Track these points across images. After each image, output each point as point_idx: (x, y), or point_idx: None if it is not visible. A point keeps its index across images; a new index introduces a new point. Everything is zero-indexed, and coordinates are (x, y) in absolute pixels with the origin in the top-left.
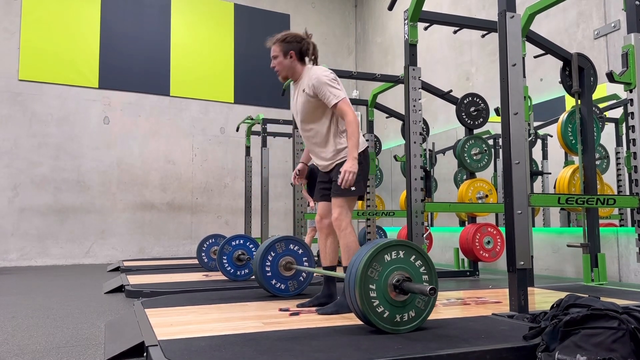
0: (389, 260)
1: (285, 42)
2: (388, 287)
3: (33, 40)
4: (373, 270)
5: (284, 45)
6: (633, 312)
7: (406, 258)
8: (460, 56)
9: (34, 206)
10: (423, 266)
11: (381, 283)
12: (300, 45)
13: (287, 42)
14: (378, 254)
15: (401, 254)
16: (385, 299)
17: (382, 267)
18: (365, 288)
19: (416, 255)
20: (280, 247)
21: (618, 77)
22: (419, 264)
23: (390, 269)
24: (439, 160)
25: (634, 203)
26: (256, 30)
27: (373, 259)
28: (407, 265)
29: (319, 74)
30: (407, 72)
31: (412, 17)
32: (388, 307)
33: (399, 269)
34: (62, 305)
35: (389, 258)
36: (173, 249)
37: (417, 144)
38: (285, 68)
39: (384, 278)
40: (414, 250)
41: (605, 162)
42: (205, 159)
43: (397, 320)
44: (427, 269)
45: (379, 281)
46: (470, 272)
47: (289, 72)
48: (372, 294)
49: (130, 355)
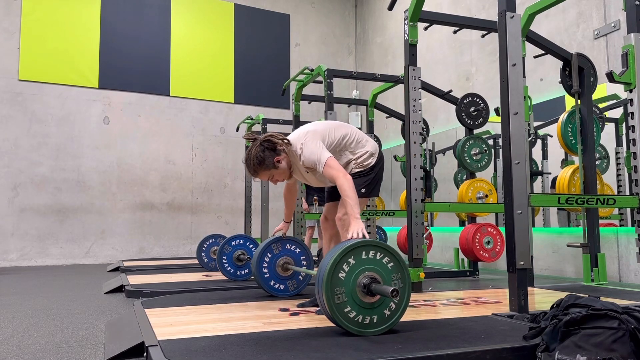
0: (359, 261)
1: (264, 164)
2: (356, 288)
3: (33, 40)
4: (341, 271)
5: (265, 166)
6: (633, 312)
7: (377, 259)
8: (460, 56)
9: (34, 206)
10: (395, 267)
11: (349, 284)
12: (273, 149)
13: (265, 163)
14: (346, 254)
15: (371, 255)
16: (354, 300)
17: (351, 268)
18: (332, 290)
19: (386, 255)
20: (277, 247)
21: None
22: (390, 264)
23: (359, 270)
24: (439, 160)
25: (634, 203)
26: (256, 30)
27: (341, 260)
28: (377, 266)
29: (301, 153)
30: (407, 72)
31: (412, 17)
32: (356, 308)
33: (368, 270)
34: (62, 305)
35: (359, 259)
36: (173, 249)
37: (417, 144)
38: (283, 173)
39: (353, 279)
40: (385, 250)
41: (605, 162)
42: (205, 159)
43: (365, 322)
44: (399, 270)
45: (348, 282)
46: (470, 272)
47: (289, 169)
48: (340, 295)
49: (130, 355)
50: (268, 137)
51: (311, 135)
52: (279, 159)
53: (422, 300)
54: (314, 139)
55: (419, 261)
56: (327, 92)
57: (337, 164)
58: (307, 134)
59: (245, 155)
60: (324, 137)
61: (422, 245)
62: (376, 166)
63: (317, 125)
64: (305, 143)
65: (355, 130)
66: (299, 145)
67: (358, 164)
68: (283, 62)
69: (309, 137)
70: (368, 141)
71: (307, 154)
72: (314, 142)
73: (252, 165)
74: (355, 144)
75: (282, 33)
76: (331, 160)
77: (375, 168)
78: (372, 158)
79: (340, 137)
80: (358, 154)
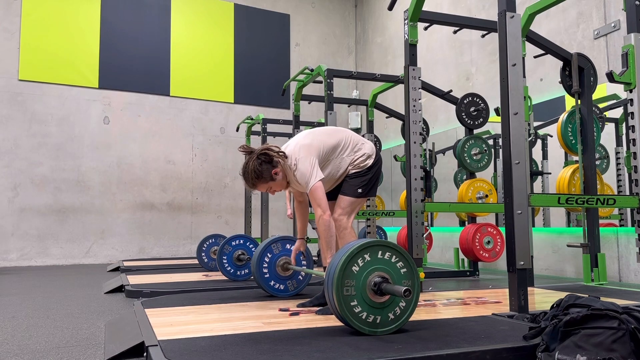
0: (369, 261)
1: (262, 177)
2: (367, 288)
3: (33, 40)
4: (355, 265)
5: (262, 179)
6: (633, 312)
7: (387, 259)
8: (460, 56)
9: (34, 206)
10: (404, 267)
11: (360, 284)
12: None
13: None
14: (357, 254)
15: (381, 255)
16: (364, 300)
17: (361, 268)
18: (343, 289)
19: (397, 256)
20: (277, 247)
21: (618, 77)
22: (400, 265)
23: (369, 270)
24: (439, 160)
25: (634, 203)
26: (256, 30)
27: (352, 260)
28: (387, 266)
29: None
30: (407, 72)
31: (412, 17)
32: (366, 308)
33: (378, 270)
34: (62, 305)
35: (369, 259)
36: (173, 249)
37: (417, 144)
38: (280, 184)
39: (363, 279)
40: (395, 250)
41: (605, 162)
42: (205, 159)
43: (375, 321)
44: (409, 270)
45: (358, 282)
46: (470, 272)
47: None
48: (350, 295)
49: (130, 355)
50: (265, 150)
51: (306, 151)
52: (276, 171)
53: (422, 300)
54: (308, 155)
55: (419, 261)
56: (327, 92)
57: (322, 195)
58: (302, 148)
59: (243, 169)
60: (319, 150)
61: (422, 245)
62: (373, 167)
63: (313, 138)
64: (300, 159)
65: (351, 134)
66: (293, 161)
67: (355, 165)
68: (283, 62)
69: (304, 153)
70: (364, 144)
71: (299, 173)
72: (309, 159)
73: (250, 179)
74: (350, 149)
75: (282, 33)
76: (318, 190)
77: (372, 169)
78: (369, 159)
79: (335, 144)
80: (354, 156)
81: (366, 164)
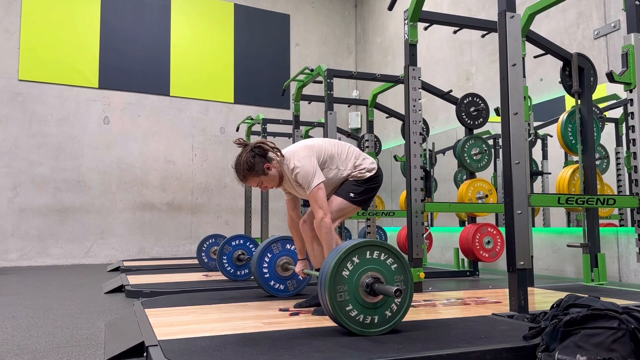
0: (358, 263)
1: (254, 170)
2: (359, 290)
3: (33, 40)
4: (345, 270)
5: (254, 172)
6: (633, 312)
7: (376, 258)
8: (460, 56)
9: (34, 206)
10: (395, 263)
11: (352, 288)
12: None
13: (255, 169)
14: (345, 258)
15: (369, 255)
16: (358, 302)
17: (352, 272)
18: (336, 295)
19: (386, 253)
20: (277, 247)
21: (618, 77)
22: (390, 261)
23: (360, 272)
24: (439, 160)
25: (634, 203)
26: (256, 30)
27: (341, 265)
28: (377, 265)
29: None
30: (407, 72)
31: (412, 17)
32: (362, 310)
33: (369, 270)
34: (62, 305)
35: (358, 260)
36: (173, 249)
37: (417, 144)
38: (272, 180)
39: (355, 282)
40: (383, 248)
41: (605, 162)
42: (205, 159)
43: (373, 322)
44: (400, 266)
45: (350, 286)
46: (470, 272)
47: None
48: (344, 300)
49: (130, 355)
50: (260, 143)
51: (308, 151)
52: (269, 165)
53: (422, 300)
54: (310, 155)
55: (419, 261)
56: (327, 92)
57: (324, 197)
58: (304, 149)
59: (235, 160)
60: (319, 154)
61: (422, 245)
62: (370, 180)
63: (315, 142)
64: (302, 159)
65: (354, 149)
66: (294, 160)
67: (353, 177)
68: (283, 62)
69: (306, 153)
70: (366, 159)
71: (303, 172)
72: (310, 160)
73: (242, 171)
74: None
75: (282, 33)
76: (320, 191)
77: (368, 182)
78: (368, 173)
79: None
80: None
81: (364, 175)
